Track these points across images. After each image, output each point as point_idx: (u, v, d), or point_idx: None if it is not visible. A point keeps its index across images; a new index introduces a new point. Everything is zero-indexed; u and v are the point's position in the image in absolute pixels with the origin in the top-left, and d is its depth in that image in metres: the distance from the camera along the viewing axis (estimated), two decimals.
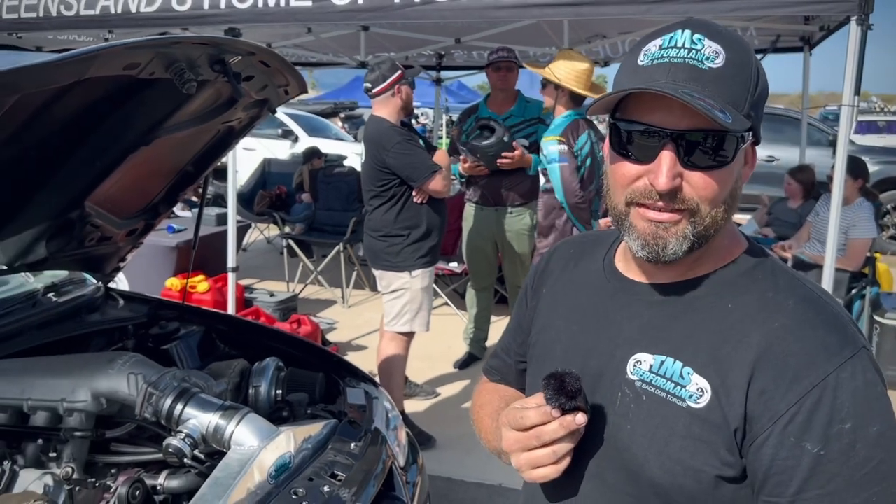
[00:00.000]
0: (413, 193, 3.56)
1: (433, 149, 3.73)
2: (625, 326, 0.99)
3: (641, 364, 0.95)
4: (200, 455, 1.74)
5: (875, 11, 2.93)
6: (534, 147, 4.30)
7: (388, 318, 3.68)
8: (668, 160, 0.88)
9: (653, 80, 0.87)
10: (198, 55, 1.71)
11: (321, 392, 2.26)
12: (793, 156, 7.46)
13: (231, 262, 4.40)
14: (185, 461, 1.67)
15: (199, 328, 2.53)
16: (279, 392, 2.10)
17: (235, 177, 4.46)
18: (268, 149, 10.10)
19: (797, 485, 0.83)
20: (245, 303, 5.04)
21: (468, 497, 3.27)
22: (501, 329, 1.36)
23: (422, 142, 3.66)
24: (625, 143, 0.91)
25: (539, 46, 6.39)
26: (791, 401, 0.83)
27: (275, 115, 7.91)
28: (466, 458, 3.41)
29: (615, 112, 0.93)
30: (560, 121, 3.67)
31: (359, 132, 11.96)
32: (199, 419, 1.70)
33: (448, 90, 12.53)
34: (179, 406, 1.72)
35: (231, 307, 4.43)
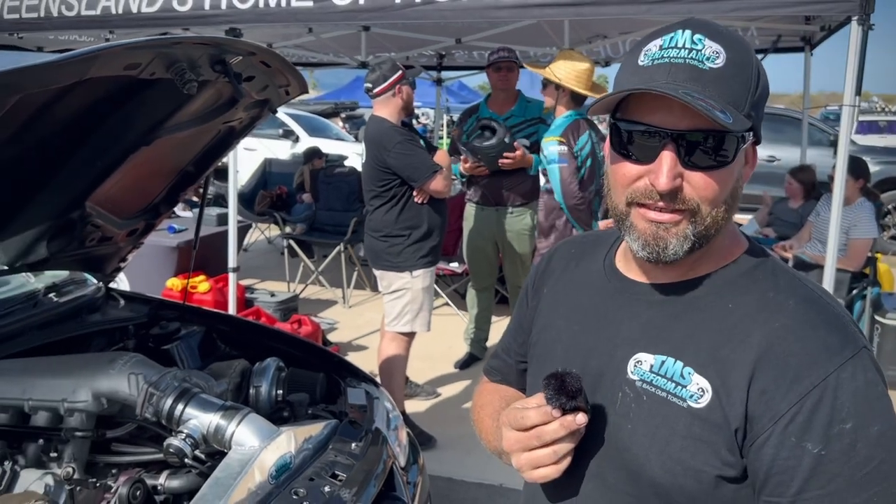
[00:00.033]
0: (414, 193, 3.57)
1: (434, 149, 3.73)
2: (625, 326, 0.99)
3: (642, 364, 0.95)
4: (201, 455, 1.74)
5: (876, 11, 2.93)
6: (534, 147, 4.30)
7: (389, 319, 3.68)
8: (669, 160, 0.88)
9: (653, 81, 0.87)
10: (199, 55, 1.71)
11: (322, 392, 2.26)
12: (794, 156, 7.47)
13: (232, 263, 4.40)
14: (186, 461, 1.67)
15: (200, 328, 2.53)
16: (280, 392, 2.10)
17: (236, 177, 4.46)
18: (269, 149, 10.11)
19: (798, 485, 0.83)
20: (246, 303, 5.04)
21: (469, 497, 3.27)
22: (502, 329, 1.36)
23: (422, 142, 3.66)
24: (625, 144, 0.92)
25: (540, 46, 6.39)
26: (792, 401, 0.83)
27: (275, 116, 7.93)
28: (467, 459, 3.41)
29: (616, 112, 0.93)
30: (561, 121, 3.67)
31: (359, 132, 11.97)
32: (200, 419, 1.71)
33: (449, 90, 12.52)
34: (180, 406, 1.72)
35: (232, 307, 4.43)
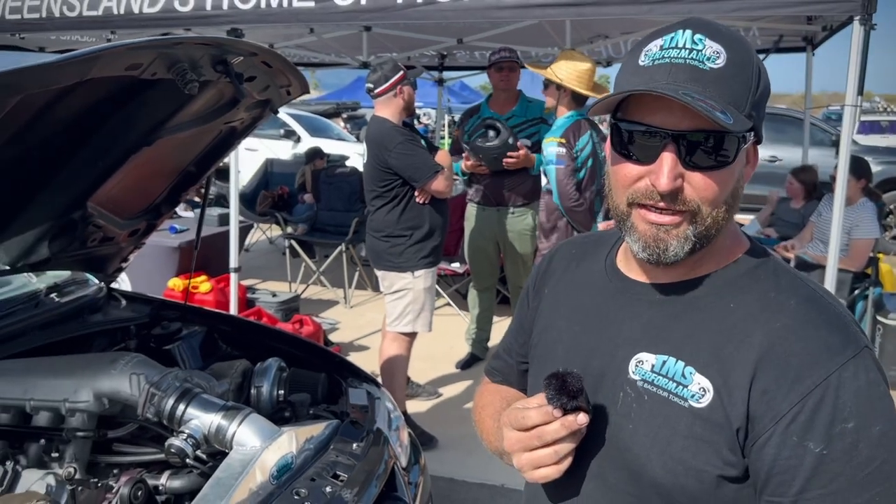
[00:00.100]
0: (415, 194, 3.57)
1: (435, 149, 3.73)
2: (626, 326, 0.99)
3: (643, 364, 0.95)
4: (202, 455, 1.74)
5: (878, 11, 2.93)
6: (536, 147, 4.30)
7: (391, 319, 3.68)
8: (670, 161, 0.88)
9: (654, 81, 0.87)
10: (200, 56, 1.71)
11: (323, 392, 2.26)
12: (795, 156, 7.46)
13: (233, 263, 4.40)
14: (187, 461, 1.67)
15: (202, 328, 2.53)
16: (281, 392, 2.10)
17: (238, 177, 4.46)
18: (270, 149, 10.11)
19: (800, 484, 0.83)
20: (247, 303, 5.04)
21: (470, 497, 3.27)
22: (503, 329, 1.36)
23: (423, 142, 3.66)
24: (626, 144, 0.92)
25: (541, 47, 6.39)
26: (793, 400, 0.83)
27: (277, 116, 7.92)
28: (468, 459, 3.41)
29: (616, 112, 0.93)
30: (562, 121, 3.67)
31: (361, 132, 11.98)
32: (202, 419, 1.71)
33: (450, 90, 12.49)
34: (181, 406, 1.72)
35: (233, 307, 4.44)
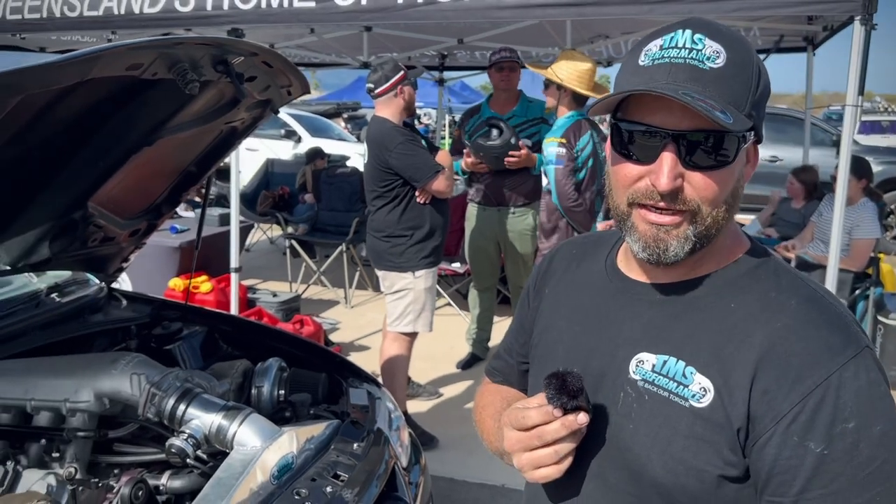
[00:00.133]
0: (416, 194, 3.57)
1: (435, 149, 3.73)
2: (627, 326, 0.99)
3: (644, 364, 0.95)
4: (203, 455, 1.74)
5: (879, 11, 2.92)
6: (536, 147, 4.30)
7: (391, 319, 3.68)
8: (670, 161, 0.88)
9: (653, 81, 0.87)
10: (201, 56, 1.71)
11: (324, 392, 2.26)
12: (796, 156, 7.46)
13: (234, 263, 4.40)
14: (188, 461, 1.67)
15: (202, 328, 2.53)
16: (282, 392, 2.10)
17: (238, 177, 4.46)
18: (271, 149, 10.11)
19: (800, 484, 0.83)
20: (248, 303, 5.04)
21: (471, 497, 3.27)
22: (504, 329, 1.36)
23: (424, 142, 3.66)
24: (626, 144, 0.92)
25: (542, 47, 6.39)
26: (794, 400, 0.83)
27: (278, 116, 7.93)
28: (469, 459, 3.41)
29: (617, 112, 0.93)
30: (562, 121, 3.67)
31: (361, 132, 11.99)
32: (202, 419, 1.71)
33: (451, 90, 12.50)
34: (182, 406, 1.72)
35: (234, 307, 4.44)
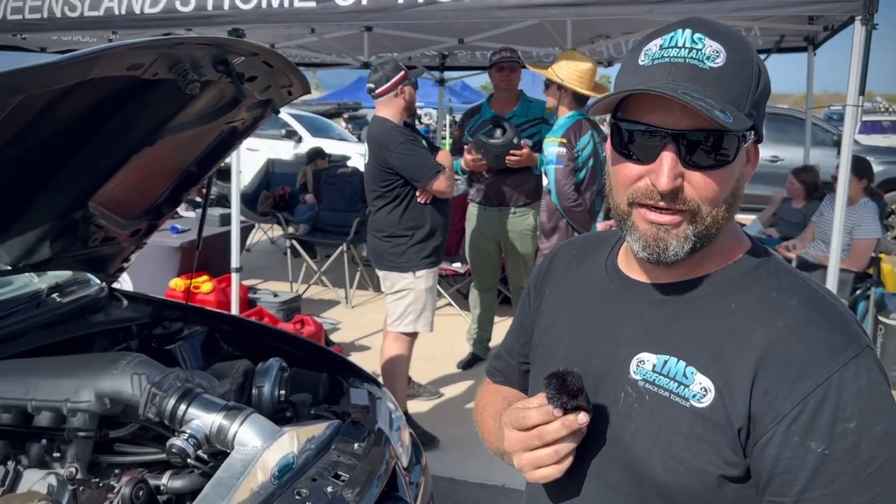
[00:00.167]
0: (417, 194, 3.57)
1: (436, 149, 3.73)
2: (627, 326, 0.99)
3: (645, 364, 0.95)
4: (204, 455, 1.74)
5: (879, 11, 2.92)
6: (537, 147, 4.29)
7: (392, 319, 3.68)
8: (669, 160, 0.88)
9: (653, 81, 0.87)
10: (201, 56, 1.71)
11: (324, 392, 2.26)
12: (797, 156, 7.46)
13: (235, 263, 4.40)
14: (189, 461, 1.67)
15: (203, 328, 2.53)
16: (282, 392, 2.10)
17: (239, 177, 4.46)
18: (271, 149, 10.12)
19: (801, 484, 0.83)
20: (249, 303, 5.04)
21: (471, 497, 3.27)
22: (505, 329, 1.36)
23: (424, 142, 3.66)
24: (626, 144, 0.92)
25: (542, 47, 6.39)
26: (795, 400, 0.83)
27: (278, 116, 7.91)
28: (470, 459, 3.41)
29: (617, 112, 0.93)
30: (563, 121, 3.67)
31: (362, 133, 11.98)
32: (203, 419, 1.71)
33: (451, 90, 12.49)
34: (183, 406, 1.72)
35: (235, 307, 4.44)
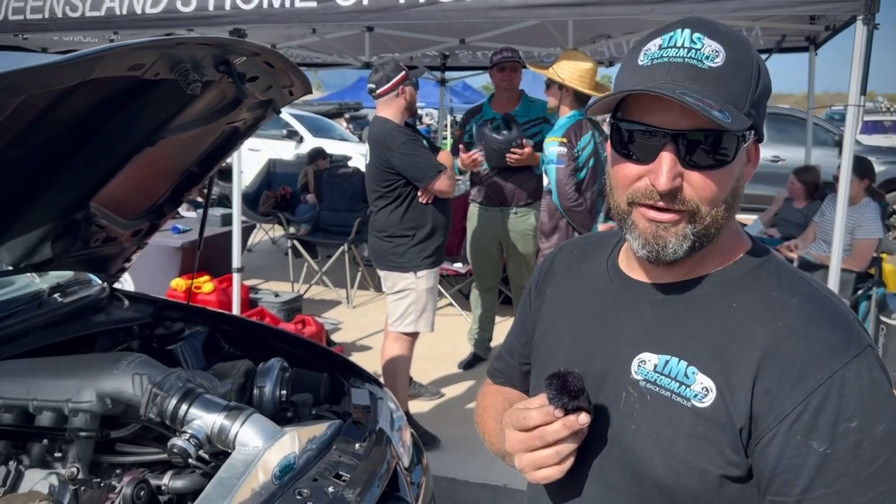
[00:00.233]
0: (418, 194, 3.57)
1: (436, 149, 3.73)
2: (628, 326, 0.99)
3: (646, 364, 0.94)
4: (205, 455, 1.74)
5: (881, 11, 2.92)
6: (538, 147, 4.29)
7: (393, 319, 3.68)
8: (669, 160, 0.87)
9: (652, 81, 0.87)
10: (202, 56, 1.71)
11: (326, 392, 2.26)
12: (798, 156, 7.45)
13: (236, 263, 4.40)
14: (190, 461, 1.67)
15: (204, 329, 2.53)
16: (284, 392, 2.10)
17: (240, 177, 4.46)
18: (273, 149, 10.13)
19: (804, 484, 0.83)
20: (250, 303, 5.04)
21: (472, 498, 3.27)
22: (506, 330, 1.36)
23: (425, 142, 3.66)
24: (626, 144, 0.92)
25: (543, 47, 6.39)
26: (797, 400, 0.83)
27: (279, 116, 7.92)
28: (471, 459, 3.41)
29: (616, 112, 0.93)
30: (564, 121, 3.67)
31: (363, 133, 11.98)
32: (204, 419, 1.71)
33: (452, 91, 12.52)
34: (184, 406, 1.72)
35: (236, 308, 4.44)
